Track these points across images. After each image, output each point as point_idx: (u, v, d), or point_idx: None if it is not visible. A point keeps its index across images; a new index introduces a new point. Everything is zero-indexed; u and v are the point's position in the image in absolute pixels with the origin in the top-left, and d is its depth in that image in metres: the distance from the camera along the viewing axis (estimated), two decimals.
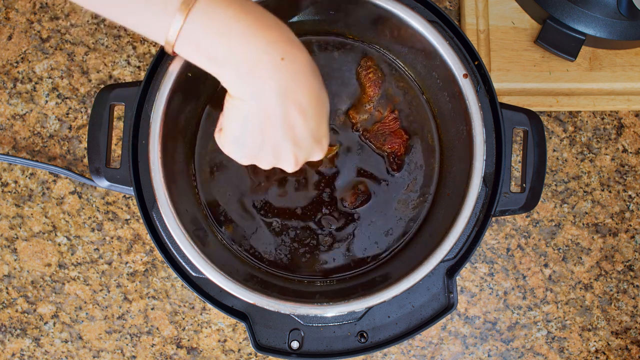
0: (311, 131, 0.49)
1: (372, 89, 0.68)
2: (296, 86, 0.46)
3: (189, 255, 0.59)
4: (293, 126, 0.48)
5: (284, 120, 0.47)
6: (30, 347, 0.74)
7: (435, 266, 0.59)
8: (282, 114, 0.47)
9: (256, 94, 0.46)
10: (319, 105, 0.48)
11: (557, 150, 0.76)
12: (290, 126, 0.48)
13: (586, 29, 0.71)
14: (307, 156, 0.52)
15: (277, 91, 0.46)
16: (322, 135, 0.51)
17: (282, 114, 0.47)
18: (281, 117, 0.47)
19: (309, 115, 0.48)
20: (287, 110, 0.47)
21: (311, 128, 0.49)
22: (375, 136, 0.68)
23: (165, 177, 0.60)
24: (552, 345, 0.75)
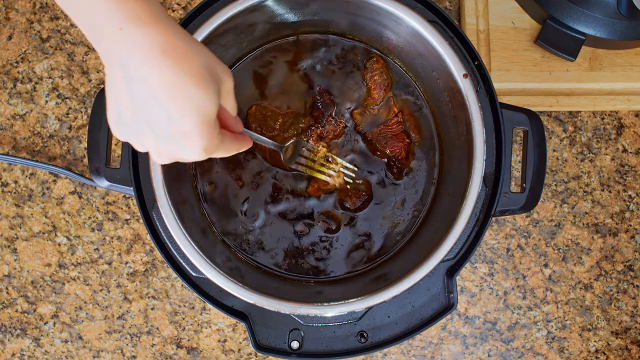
0: (169, 119, 0.44)
1: (377, 91, 0.68)
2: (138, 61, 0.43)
3: (189, 255, 0.59)
4: (144, 106, 0.44)
5: (131, 98, 0.44)
6: (30, 347, 0.74)
7: (435, 266, 0.59)
8: (129, 88, 0.44)
9: (105, 61, 0.44)
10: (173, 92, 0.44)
11: (557, 150, 0.76)
12: (141, 105, 0.44)
13: (586, 29, 0.71)
14: (171, 149, 0.47)
15: (118, 62, 0.43)
16: (188, 129, 0.45)
17: (129, 88, 0.44)
18: (127, 92, 0.44)
19: (159, 98, 0.44)
20: (134, 85, 0.44)
21: (168, 115, 0.44)
22: (377, 138, 0.68)
23: (165, 177, 0.60)
24: (552, 345, 0.75)
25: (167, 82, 0.43)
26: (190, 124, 0.45)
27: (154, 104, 0.44)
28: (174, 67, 0.44)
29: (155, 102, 0.44)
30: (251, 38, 0.67)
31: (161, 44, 0.43)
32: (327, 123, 0.67)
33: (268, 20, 0.65)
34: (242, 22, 0.63)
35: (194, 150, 0.47)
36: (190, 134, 0.46)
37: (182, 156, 0.48)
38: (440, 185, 0.68)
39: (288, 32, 0.69)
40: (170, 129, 0.45)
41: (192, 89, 0.44)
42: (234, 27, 0.63)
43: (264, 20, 0.65)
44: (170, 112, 0.44)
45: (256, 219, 0.67)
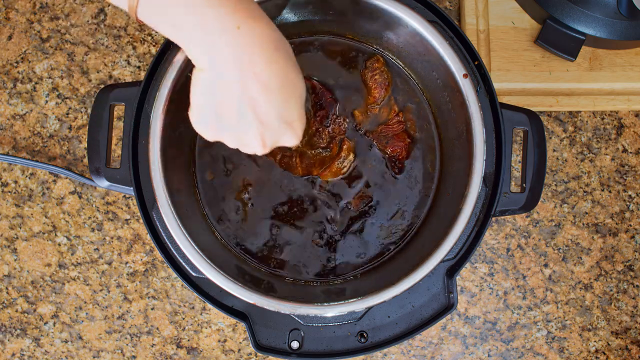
0: (277, 110, 0.47)
1: (378, 90, 0.68)
2: (254, 57, 0.44)
3: (189, 255, 0.59)
4: (254, 100, 0.46)
5: (242, 92, 0.45)
6: (30, 347, 0.74)
7: (435, 266, 0.59)
8: (240, 85, 0.45)
9: (213, 62, 0.45)
10: (285, 84, 0.46)
11: (557, 150, 0.76)
12: (251, 99, 0.46)
13: (586, 29, 0.71)
14: (275, 138, 0.50)
15: (232, 60, 0.44)
16: (293, 118, 0.48)
17: (240, 85, 0.45)
18: (238, 88, 0.45)
19: (271, 91, 0.46)
20: (245, 81, 0.45)
21: (276, 106, 0.46)
22: (378, 138, 0.68)
23: (165, 177, 0.60)
24: (552, 345, 0.75)
25: (281, 76, 0.46)
26: (296, 113, 0.49)
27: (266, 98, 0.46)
28: (286, 61, 0.46)
29: (268, 96, 0.45)
30: None
31: (274, 40, 0.46)
32: (332, 123, 0.67)
33: None
34: None
35: (295, 136, 0.50)
36: (295, 121, 0.49)
37: (283, 142, 0.51)
38: (440, 185, 0.68)
39: (288, 32, 0.68)
40: (279, 120, 0.47)
41: (297, 80, 0.48)
42: None
43: None
44: (281, 104, 0.47)
45: (258, 218, 0.67)
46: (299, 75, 0.48)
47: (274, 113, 0.47)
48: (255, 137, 0.49)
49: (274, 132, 0.49)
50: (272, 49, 0.45)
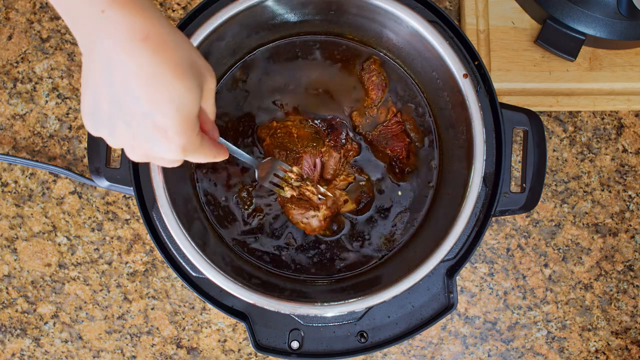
0: (142, 109, 0.41)
1: (375, 92, 0.68)
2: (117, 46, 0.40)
3: (189, 255, 0.59)
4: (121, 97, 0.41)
5: (109, 82, 0.41)
6: (30, 347, 0.74)
7: (435, 266, 0.59)
8: (106, 74, 0.41)
9: (85, 48, 0.41)
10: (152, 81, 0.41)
11: (557, 150, 0.76)
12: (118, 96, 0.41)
13: (586, 29, 0.71)
14: (147, 146, 0.43)
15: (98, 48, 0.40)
16: (165, 124, 0.42)
17: (106, 74, 0.41)
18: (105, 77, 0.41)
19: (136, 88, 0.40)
20: (111, 71, 0.40)
21: (141, 105, 0.41)
22: (377, 139, 0.68)
23: (165, 177, 0.60)
24: (552, 345, 0.75)
25: (147, 71, 0.40)
26: (169, 120, 0.42)
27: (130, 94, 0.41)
28: (155, 56, 0.41)
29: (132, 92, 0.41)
30: (251, 38, 0.67)
31: (143, 30, 0.40)
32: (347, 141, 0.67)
33: (268, 20, 0.65)
34: (242, 22, 0.63)
35: (170, 149, 0.43)
36: (168, 131, 0.42)
37: (157, 154, 0.44)
38: (440, 185, 0.68)
39: (288, 32, 0.69)
40: (146, 124, 0.42)
41: (173, 80, 0.41)
42: (234, 27, 0.63)
43: (264, 21, 0.65)
44: (147, 105, 0.41)
45: (258, 218, 0.67)
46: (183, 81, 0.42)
47: (139, 112, 0.41)
48: (126, 139, 0.43)
49: (142, 137, 0.43)
50: (138, 38, 0.40)
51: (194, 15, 0.63)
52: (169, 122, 0.42)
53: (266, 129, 0.67)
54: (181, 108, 0.42)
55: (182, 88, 0.42)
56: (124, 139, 0.44)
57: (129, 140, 0.43)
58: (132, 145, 0.44)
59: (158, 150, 0.44)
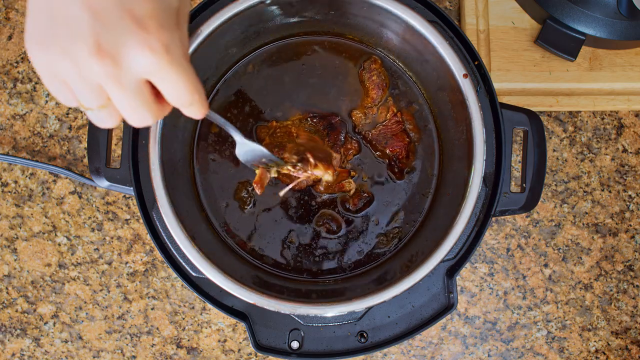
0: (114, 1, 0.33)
1: (375, 91, 0.68)
2: None
3: (189, 255, 0.59)
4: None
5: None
6: (30, 347, 0.74)
7: (435, 266, 0.59)
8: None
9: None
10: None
11: (557, 150, 0.76)
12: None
13: (586, 29, 0.71)
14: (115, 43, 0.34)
15: None
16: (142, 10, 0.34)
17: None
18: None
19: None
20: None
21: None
22: (377, 138, 0.68)
23: (165, 177, 0.60)
24: (552, 345, 0.75)
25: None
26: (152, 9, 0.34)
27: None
28: None
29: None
30: (251, 39, 0.67)
31: None
32: (346, 140, 0.67)
33: (268, 20, 0.65)
34: (242, 22, 0.63)
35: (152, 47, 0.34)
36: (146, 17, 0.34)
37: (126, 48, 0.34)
38: (440, 185, 0.68)
39: (288, 32, 0.69)
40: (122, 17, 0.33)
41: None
42: (234, 27, 0.63)
43: (264, 21, 0.65)
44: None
45: (258, 218, 0.67)
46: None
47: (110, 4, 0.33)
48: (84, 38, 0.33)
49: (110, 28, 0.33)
50: None
51: (194, 15, 0.63)
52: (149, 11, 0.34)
53: (265, 129, 0.67)
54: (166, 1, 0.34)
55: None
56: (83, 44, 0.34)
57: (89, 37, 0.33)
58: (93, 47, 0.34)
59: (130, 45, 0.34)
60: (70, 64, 0.34)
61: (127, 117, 0.38)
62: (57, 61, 0.35)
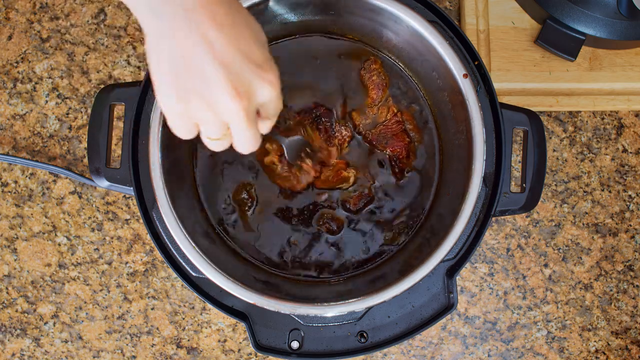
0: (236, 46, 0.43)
1: (376, 91, 0.68)
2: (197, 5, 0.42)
3: (189, 255, 0.59)
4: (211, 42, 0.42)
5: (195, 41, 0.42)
6: (30, 347, 0.74)
7: (435, 266, 0.59)
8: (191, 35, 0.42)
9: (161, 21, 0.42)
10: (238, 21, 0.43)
11: (557, 150, 0.76)
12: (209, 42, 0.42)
13: (586, 29, 0.71)
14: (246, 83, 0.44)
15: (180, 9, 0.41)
16: (259, 58, 0.44)
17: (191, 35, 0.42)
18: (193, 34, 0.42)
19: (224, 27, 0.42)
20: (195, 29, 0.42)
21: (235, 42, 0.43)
22: (377, 138, 0.68)
23: (165, 177, 0.60)
24: (552, 345, 0.75)
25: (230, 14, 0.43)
26: (261, 53, 0.44)
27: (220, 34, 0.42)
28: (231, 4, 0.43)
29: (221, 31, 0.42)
30: None
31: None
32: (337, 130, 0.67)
33: (268, 20, 0.65)
34: None
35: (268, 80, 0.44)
36: (263, 63, 0.44)
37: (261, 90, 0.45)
38: (440, 185, 0.68)
39: (288, 32, 0.69)
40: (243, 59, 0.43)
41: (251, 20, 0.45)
42: None
43: (264, 21, 0.65)
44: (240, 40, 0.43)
45: (258, 219, 0.67)
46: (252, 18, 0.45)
47: (234, 49, 0.43)
48: (223, 87, 0.43)
49: (241, 74, 0.43)
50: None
51: None
52: (262, 56, 0.44)
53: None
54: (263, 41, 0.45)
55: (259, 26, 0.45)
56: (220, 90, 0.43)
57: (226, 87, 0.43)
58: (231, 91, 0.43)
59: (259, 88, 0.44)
60: (207, 109, 0.44)
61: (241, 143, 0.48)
62: (195, 108, 0.44)
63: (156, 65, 0.44)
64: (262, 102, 0.46)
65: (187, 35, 0.42)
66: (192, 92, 0.43)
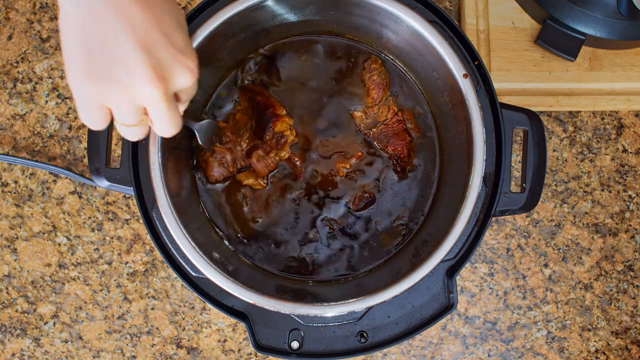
0: (162, 31, 0.41)
1: (376, 91, 0.68)
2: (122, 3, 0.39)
3: (189, 255, 0.59)
4: (132, 21, 0.39)
5: (119, 14, 0.39)
6: (30, 347, 0.74)
7: (435, 266, 0.59)
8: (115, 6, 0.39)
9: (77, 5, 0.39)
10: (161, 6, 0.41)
11: (557, 150, 0.76)
12: (129, 20, 0.39)
13: (586, 29, 0.71)
14: (167, 69, 0.42)
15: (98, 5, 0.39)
16: (180, 43, 0.42)
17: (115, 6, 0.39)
18: (113, 9, 0.39)
19: (151, 7, 0.40)
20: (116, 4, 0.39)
21: (161, 27, 0.41)
22: (378, 138, 0.68)
23: (165, 177, 0.60)
24: (552, 345, 0.75)
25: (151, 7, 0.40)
26: (184, 38, 0.42)
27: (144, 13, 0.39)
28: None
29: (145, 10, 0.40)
30: (251, 38, 0.67)
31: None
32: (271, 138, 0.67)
33: (268, 20, 0.65)
34: (242, 22, 0.63)
35: (189, 67, 0.43)
36: (185, 49, 0.42)
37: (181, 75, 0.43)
38: (440, 185, 0.68)
39: (288, 32, 0.69)
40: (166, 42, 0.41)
41: (170, 4, 0.42)
42: (234, 27, 0.63)
43: (264, 21, 0.65)
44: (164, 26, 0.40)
45: (256, 219, 0.67)
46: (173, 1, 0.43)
47: (156, 31, 0.40)
48: (143, 70, 0.40)
49: (162, 58, 0.41)
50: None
51: (194, 15, 0.63)
52: (184, 41, 0.43)
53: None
54: (184, 26, 0.43)
55: (178, 8, 0.43)
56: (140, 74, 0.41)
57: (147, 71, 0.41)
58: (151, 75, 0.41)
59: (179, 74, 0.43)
60: (122, 92, 0.41)
61: (162, 128, 0.46)
62: (108, 91, 0.41)
63: (68, 41, 0.40)
64: (180, 88, 0.44)
65: (106, 10, 0.39)
66: (107, 73, 0.40)
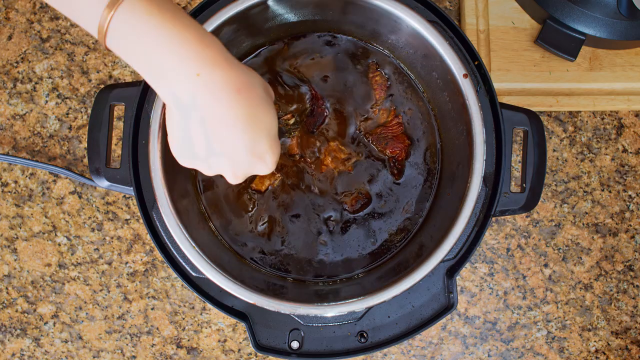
0: (245, 147, 0.49)
1: (379, 91, 0.68)
2: (214, 102, 0.46)
3: (189, 255, 0.59)
4: (221, 139, 0.48)
5: (207, 133, 0.48)
6: (30, 347, 0.74)
7: (435, 266, 0.59)
8: (204, 127, 0.48)
9: (178, 105, 0.47)
10: (250, 122, 0.48)
11: (557, 150, 0.76)
12: (218, 138, 0.48)
13: (586, 29, 0.71)
14: (246, 171, 0.52)
15: (193, 106, 0.46)
16: (262, 151, 0.51)
17: (204, 127, 0.48)
18: (204, 129, 0.48)
19: (237, 131, 0.48)
20: (209, 123, 0.47)
21: (244, 144, 0.49)
22: (377, 139, 0.68)
23: (165, 177, 0.60)
24: (552, 345, 0.75)
25: (244, 116, 0.48)
26: (265, 146, 0.50)
27: (232, 137, 0.48)
28: (248, 101, 0.48)
29: (234, 135, 0.48)
30: (251, 39, 0.67)
31: (235, 83, 0.47)
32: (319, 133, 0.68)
33: (268, 20, 0.65)
34: (242, 22, 0.63)
35: (267, 166, 0.52)
36: (265, 154, 0.51)
37: (255, 172, 0.53)
38: (440, 185, 0.68)
39: (288, 32, 0.69)
40: (248, 155, 0.50)
41: (263, 116, 0.49)
42: (234, 27, 0.63)
43: (265, 21, 0.65)
44: (248, 142, 0.49)
45: (257, 219, 0.67)
46: (267, 110, 0.50)
47: (242, 149, 0.49)
48: (226, 170, 0.51)
49: (244, 165, 0.51)
50: (233, 92, 0.47)
51: (194, 15, 0.63)
52: (265, 148, 0.51)
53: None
54: (271, 133, 0.51)
55: (270, 117, 0.50)
56: (225, 170, 0.51)
57: (231, 170, 0.51)
58: (234, 174, 0.52)
59: (257, 170, 0.52)
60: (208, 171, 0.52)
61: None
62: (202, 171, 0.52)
63: (172, 131, 0.50)
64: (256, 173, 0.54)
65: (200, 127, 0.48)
66: (201, 162, 0.51)
